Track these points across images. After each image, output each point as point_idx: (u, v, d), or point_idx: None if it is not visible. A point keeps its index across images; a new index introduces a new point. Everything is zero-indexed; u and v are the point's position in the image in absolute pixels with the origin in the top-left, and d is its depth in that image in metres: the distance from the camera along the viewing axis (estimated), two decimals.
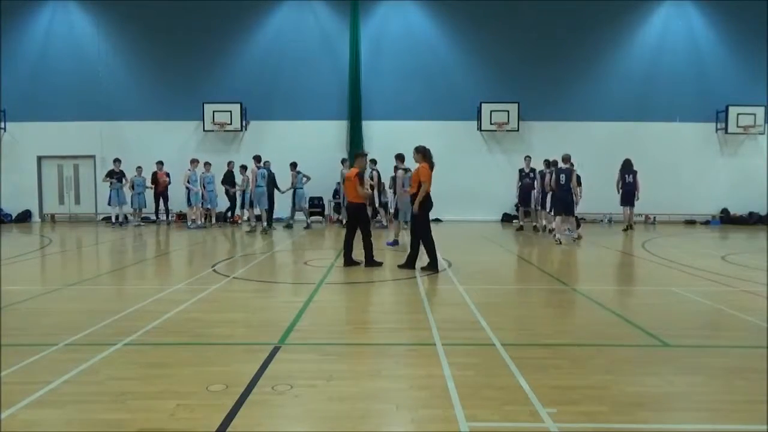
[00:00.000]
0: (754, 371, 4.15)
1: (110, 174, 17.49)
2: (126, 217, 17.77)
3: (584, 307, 6.45)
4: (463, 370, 4.08)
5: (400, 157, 12.60)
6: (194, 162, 17.19)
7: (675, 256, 10.60)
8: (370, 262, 8.95)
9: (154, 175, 17.67)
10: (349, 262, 8.96)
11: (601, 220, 19.48)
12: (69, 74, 19.55)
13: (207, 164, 17.46)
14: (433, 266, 8.61)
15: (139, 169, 17.58)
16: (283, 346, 4.72)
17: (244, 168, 16.74)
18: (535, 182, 15.69)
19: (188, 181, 16.79)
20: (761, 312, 6.00)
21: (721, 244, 13.85)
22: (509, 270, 9.82)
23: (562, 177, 12.96)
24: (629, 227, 16.09)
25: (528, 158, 16.34)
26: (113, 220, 17.44)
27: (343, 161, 16.91)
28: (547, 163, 15.35)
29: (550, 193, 13.88)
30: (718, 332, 5.52)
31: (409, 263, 8.78)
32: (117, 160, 17.61)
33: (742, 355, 4.66)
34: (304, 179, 16.80)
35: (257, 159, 15.92)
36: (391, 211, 14.80)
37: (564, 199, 12.87)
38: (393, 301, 6.85)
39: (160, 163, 17.80)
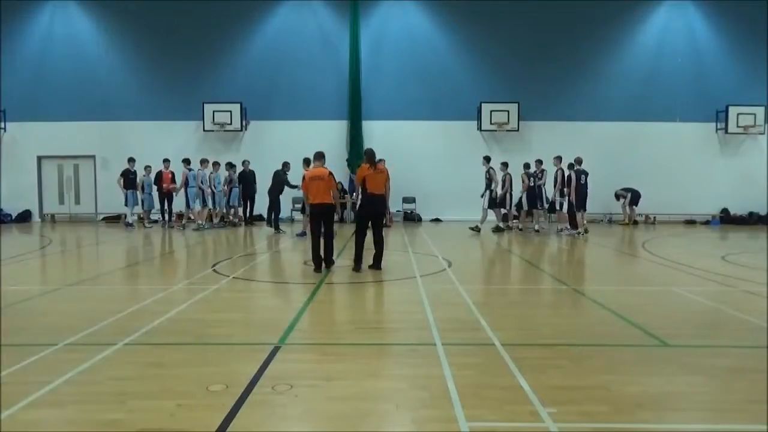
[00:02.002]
0: (754, 371, 4.15)
1: (125, 174, 17.10)
2: (125, 217, 17.57)
3: (584, 307, 6.45)
4: (463, 370, 4.08)
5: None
6: (204, 162, 17.06)
7: (675, 256, 10.60)
8: (330, 261, 8.78)
9: (159, 174, 17.33)
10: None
11: (601, 220, 19.48)
12: (69, 74, 19.55)
13: (216, 164, 17.31)
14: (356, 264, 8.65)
15: (147, 168, 17.23)
16: (283, 346, 4.72)
17: (229, 165, 17.39)
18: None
19: (200, 182, 16.68)
20: (761, 312, 6.00)
21: (721, 244, 13.85)
22: (509, 270, 9.82)
23: (583, 177, 14.50)
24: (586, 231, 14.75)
25: (503, 164, 16.31)
26: (128, 221, 17.15)
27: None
28: (529, 165, 16.26)
29: (526, 193, 15.96)
30: (718, 332, 5.52)
31: (376, 263, 8.73)
32: (132, 160, 17.17)
33: (742, 355, 4.66)
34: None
35: (187, 162, 16.65)
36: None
37: (585, 197, 14.53)
38: (393, 301, 6.85)
39: (166, 161, 17.28)
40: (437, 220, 19.46)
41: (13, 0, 19.34)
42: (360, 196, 8.82)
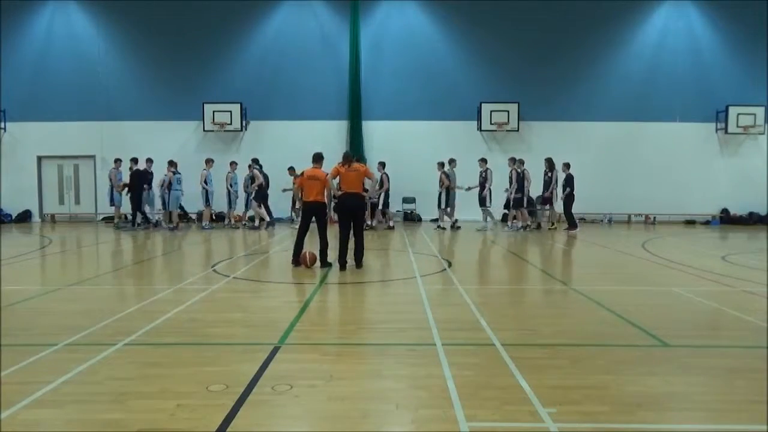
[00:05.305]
0: (754, 371, 4.15)
1: (143, 174, 16.89)
2: (126, 218, 17.47)
3: (584, 307, 6.45)
4: (463, 370, 4.08)
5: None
6: (209, 162, 17.01)
7: (675, 256, 10.60)
8: (325, 258, 9.22)
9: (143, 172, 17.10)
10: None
11: (601, 220, 19.48)
12: (69, 74, 19.56)
13: (233, 164, 17.34)
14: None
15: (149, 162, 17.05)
16: (283, 346, 4.72)
17: (255, 161, 17.23)
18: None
19: (205, 182, 16.64)
20: (761, 312, 6.00)
21: (721, 244, 13.85)
22: (509, 270, 9.81)
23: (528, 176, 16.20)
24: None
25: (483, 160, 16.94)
26: (139, 221, 16.99)
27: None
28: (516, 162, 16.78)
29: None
30: (718, 332, 5.52)
31: (356, 261, 8.97)
32: (149, 160, 16.99)
33: (742, 355, 4.66)
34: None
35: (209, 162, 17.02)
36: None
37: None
38: (393, 301, 6.85)
39: (149, 161, 16.97)
40: (437, 220, 19.43)
41: (13, 0, 19.35)
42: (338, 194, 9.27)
